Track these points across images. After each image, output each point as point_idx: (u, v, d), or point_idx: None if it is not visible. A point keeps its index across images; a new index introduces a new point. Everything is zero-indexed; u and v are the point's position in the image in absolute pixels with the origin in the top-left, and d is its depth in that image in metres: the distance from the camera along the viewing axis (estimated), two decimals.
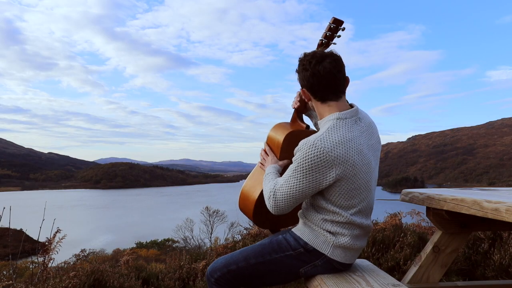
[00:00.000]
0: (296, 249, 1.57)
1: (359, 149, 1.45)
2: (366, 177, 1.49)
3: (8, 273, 3.43)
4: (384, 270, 2.49)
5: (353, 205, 1.50)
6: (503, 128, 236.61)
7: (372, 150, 1.54)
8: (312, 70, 1.48)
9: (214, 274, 1.61)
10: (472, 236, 3.41)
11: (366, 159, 1.48)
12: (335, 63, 1.48)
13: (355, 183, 1.47)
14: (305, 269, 1.59)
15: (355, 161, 1.44)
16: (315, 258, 1.57)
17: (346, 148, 1.43)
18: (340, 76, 1.50)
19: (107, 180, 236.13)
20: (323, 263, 1.57)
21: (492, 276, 2.95)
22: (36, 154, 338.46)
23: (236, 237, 5.51)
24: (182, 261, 4.01)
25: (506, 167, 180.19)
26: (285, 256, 1.58)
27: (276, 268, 1.59)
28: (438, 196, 1.54)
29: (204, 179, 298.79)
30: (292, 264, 1.58)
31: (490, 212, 1.19)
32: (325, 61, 1.47)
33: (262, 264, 1.58)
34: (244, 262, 1.59)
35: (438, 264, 1.77)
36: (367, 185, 1.51)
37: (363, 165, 1.47)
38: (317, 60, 1.48)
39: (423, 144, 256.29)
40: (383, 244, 3.63)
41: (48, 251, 2.79)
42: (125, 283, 3.20)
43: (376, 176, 1.59)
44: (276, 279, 1.62)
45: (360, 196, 1.50)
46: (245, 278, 1.60)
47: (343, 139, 1.43)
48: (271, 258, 1.58)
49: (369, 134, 1.54)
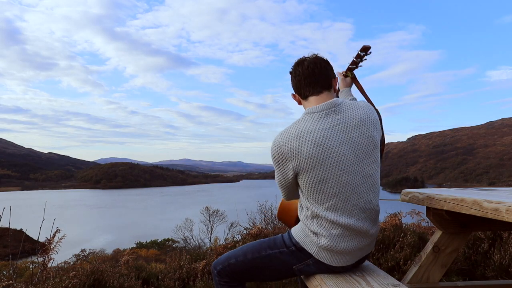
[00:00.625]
0: (289, 246, 1.63)
1: (318, 142, 1.47)
2: (334, 171, 1.47)
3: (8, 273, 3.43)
4: (384, 270, 2.49)
5: (324, 199, 1.50)
6: (503, 128, 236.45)
7: (350, 144, 1.49)
8: (293, 72, 1.65)
9: (217, 267, 1.72)
10: (472, 236, 3.41)
11: (330, 152, 1.47)
12: (313, 63, 1.60)
13: (318, 176, 1.48)
14: (299, 266, 1.63)
15: (311, 154, 1.47)
16: (307, 257, 1.60)
17: (300, 141, 1.49)
18: (318, 72, 1.59)
19: (107, 180, 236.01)
20: (314, 262, 1.60)
21: (492, 276, 2.95)
22: (36, 154, 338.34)
23: (236, 237, 5.51)
24: (182, 261, 4.01)
25: (506, 167, 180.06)
26: (279, 252, 1.64)
27: (270, 264, 1.65)
28: (438, 196, 1.54)
29: (204, 179, 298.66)
30: (286, 261, 1.63)
31: (490, 212, 1.19)
32: (304, 63, 1.61)
33: (258, 259, 1.65)
34: (243, 257, 1.67)
35: (438, 264, 1.77)
36: (339, 180, 1.48)
37: (325, 158, 1.46)
38: (297, 63, 1.64)
39: (423, 144, 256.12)
40: (383, 244, 3.63)
41: (47, 251, 2.79)
42: (125, 283, 3.20)
43: (363, 172, 1.51)
44: (271, 274, 1.68)
45: (330, 190, 1.48)
46: (242, 272, 1.68)
47: (300, 132, 1.50)
48: (266, 253, 1.65)
49: (346, 127, 1.51)
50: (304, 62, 1.61)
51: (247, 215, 6.76)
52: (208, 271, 3.81)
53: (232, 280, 1.69)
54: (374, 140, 1.55)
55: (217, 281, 1.71)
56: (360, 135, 1.51)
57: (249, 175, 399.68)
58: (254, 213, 6.77)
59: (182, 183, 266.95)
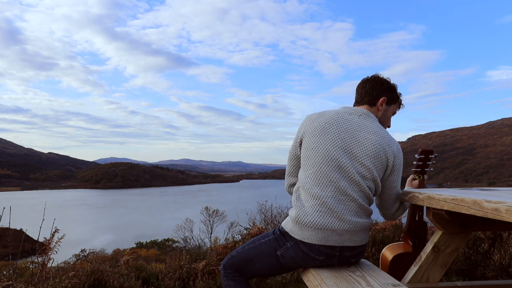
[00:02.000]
0: (275, 232, 1.74)
1: (332, 121, 1.71)
2: (328, 146, 1.66)
3: (8, 273, 3.43)
4: None
5: (308, 165, 1.68)
6: (503, 128, 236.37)
7: (357, 144, 1.67)
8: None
9: (223, 260, 1.85)
10: (472, 236, 3.41)
11: (335, 132, 1.68)
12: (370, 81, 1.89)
13: (313, 143, 1.69)
14: (281, 251, 1.69)
15: (320, 125, 1.71)
16: (287, 240, 1.68)
17: (320, 115, 1.76)
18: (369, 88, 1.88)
19: (107, 180, 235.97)
20: (292, 245, 1.66)
21: (492, 276, 2.95)
22: (36, 154, 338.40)
23: (236, 237, 5.51)
24: (182, 261, 4.01)
25: (506, 167, 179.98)
26: (268, 240, 1.74)
27: (261, 253, 1.73)
28: (438, 196, 1.54)
29: (204, 179, 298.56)
30: (272, 247, 1.71)
31: (490, 212, 1.19)
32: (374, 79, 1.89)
33: (251, 249, 1.75)
34: (241, 248, 1.80)
35: (438, 264, 1.77)
36: (328, 153, 1.65)
37: (328, 133, 1.68)
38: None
39: (423, 144, 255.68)
40: (383, 244, 3.63)
41: (46, 251, 2.79)
42: (125, 283, 3.20)
43: (341, 165, 1.63)
44: (262, 263, 1.73)
45: (315, 159, 1.66)
46: (240, 263, 1.77)
47: (325, 112, 1.78)
48: (259, 243, 1.75)
49: (359, 135, 1.69)
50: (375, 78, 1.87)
51: (247, 215, 6.77)
52: (208, 271, 3.81)
53: (234, 272, 1.78)
54: (365, 172, 1.67)
55: (222, 273, 1.82)
56: (351, 139, 1.68)
57: (249, 175, 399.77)
58: (254, 213, 6.78)
59: (182, 183, 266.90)
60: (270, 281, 3.30)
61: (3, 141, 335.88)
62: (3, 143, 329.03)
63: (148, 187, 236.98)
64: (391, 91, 1.86)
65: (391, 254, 2.08)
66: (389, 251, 2.13)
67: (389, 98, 1.85)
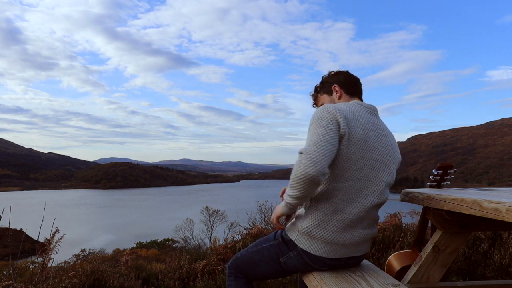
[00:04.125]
0: (277, 238, 1.70)
1: (364, 126, 1.61)
2: (362, 158, 1.59)
3: (8, 273, 3.43)
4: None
5: (342, 178, 1.55)
6: (503, 128, 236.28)
7: (380, 147, 1.65)
8: (342, 73, 1.85)
9: (229, 262, 1.84)
10: (472, 236, 3.41)
11: (367, 141, 1.60)
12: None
13: (349, 153, 1.56)
14: (284, 259, 1.66)
15: (356, 132, 1.58)
16: (290, 248, 1.63)
17: (353, 115, 1.61)
18: (360, 84, 1.87)
19: (107, 180, 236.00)
20: (295, 255, 1.62)
21: (492, 276, 2.95)
22: (36, 154, 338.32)
23: (236, 237, 5.51)
24: (182, 261, 4.01)
25: (506, 167, 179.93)
26: (270, 245, 1.70)
27: (263, 257, 1.70)
28: (438, 196, 1.54)
29: (204, 179, 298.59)
30: (274, 253, 1.67)
31: (490, 212, 1.19)
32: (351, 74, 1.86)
33: (255, 253, 1.73)
34: (245, 251, 1.79)
35: (438, 264, 1.77)
36: (362, 168, 1.58)
37: (363, 143, 1.60)
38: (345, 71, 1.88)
39: (423, 144, 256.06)
40: (383, 244, 3.64)
41: (47, 251, 2.79)
42: (125, 283, 3.21)
43: (374, 179, 1.63)
44: (265, 268, 1.71)
45: (351, 172, 1.56)
46: (244, 265, 1.76)
47: (352, 109, 1.63)
48: (261, 247, 1.73)
49: (381, 134, 1.67)
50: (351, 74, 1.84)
51: (247, 215, 6.78)
52: (208, 271, 3.81)
53: (237, 273, 1.78)
54: (391, 180, 1.67)
55: (227, 273, 1.83)
56: (383, 149, 1.62)
57: (249, 175, 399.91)
58: (254, 213, 6.78)
59: (182, 183, 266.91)
60: (270, 281, 3.30)
61: (3, 141, 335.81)
62: (3, 143, 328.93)
63: (148, 187, 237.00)
64: None
65: (399, 265, 2.01)
66: (396, 260, 2.06)
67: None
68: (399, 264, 2.02)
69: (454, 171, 1.91)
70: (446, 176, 1.92)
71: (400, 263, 2.02)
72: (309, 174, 1.37)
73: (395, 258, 2.08)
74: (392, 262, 2.08)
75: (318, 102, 1.90)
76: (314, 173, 1.36)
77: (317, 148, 1.40)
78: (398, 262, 2.04)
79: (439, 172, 1.90)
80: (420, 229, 2.04)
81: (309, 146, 1.42)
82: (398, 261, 2.05)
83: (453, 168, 1.89)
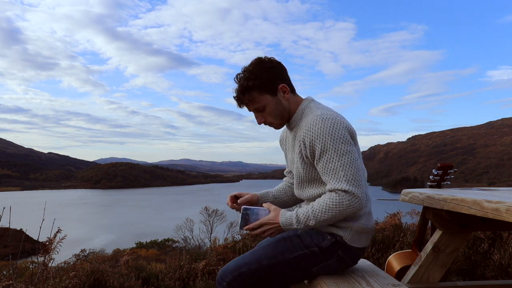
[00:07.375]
0: (309, 247, 1.53)
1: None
2: (358, 153, 1.60)
3: (8, 273, 3.43)
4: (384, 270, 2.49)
5: (361, 175, 1.55)
6: (503, 128, 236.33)
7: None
8: (279, 65, 1.61)
9: (225, 278, 1.51)
10: (472, 236, 3.41)
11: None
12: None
13: (356, 155, 1.58)
14: (318, 268, 1.55)
15: (354, 135, 1.59)
16: (333, 252, 1.54)
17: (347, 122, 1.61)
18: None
19: (107, 180, 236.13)
20: (339, 259, 1.55)
21: (492, 276, 2.95)
22: (36, 154, 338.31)
23: (236, 237, 5.52)
24: (182, 261, 4.01)
25: (506, 167, 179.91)
26: (300, 256, 1.52)
27: (290, 269, 1.52)
28: (438, 196, 1.54)
29: (204, 179, 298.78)
30: (307, 263, 1.53)
31: (490, 212, 1.19)
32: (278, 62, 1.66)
33: (276, 266, 1.51)
34: (257, 264, 1.50)
35: (438, 264, 1.77)
36: (361, 162, 1.61)
37: (355, 143, 1.59)
38: (275, 60, 1.63)
39: (423, 144, 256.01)
40: (383, 244, 3.64)
41: (48, 251, 2.78)
42: (125, 283, 3.21)
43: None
44: (289, 279, 1.56)
45: (361, 167, 1.57)
46: (258, 281, 1.51)
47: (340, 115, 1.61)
48: (285, 258, 1.51)
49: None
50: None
51: None
52: (208, 271, 3.81)
53: None
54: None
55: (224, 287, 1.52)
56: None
57: (249, 175, 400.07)
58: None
59: (182, 183, 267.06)
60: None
61: (3, 141, 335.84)
62: (3, 143, 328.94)
63: (148, 187, 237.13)
64: None
65: (399, 265, 2.01)
66: (396, 260, 2.06)
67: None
68: (399, 264, 2.02)
69: (454, 171, 1.92)
70: (446, 176, 1.92)
71: (400, 263, 2.02)
72: (355, 211, 1.43)
73: (395, 258, 2.08)
74: (392, 262, 2.07)
75: (254, 104, 1.55)
76: (359, 208, 1.43)
77: (359, 184, 1.41)
78: (398, 262, 2.04)
79: (439, 172, 1.91)
80: (420, 229, 2.04)
81: (351, 186, 1.39)
82: (398, 261, 2.05)
83: (453, 168, 1.90)
